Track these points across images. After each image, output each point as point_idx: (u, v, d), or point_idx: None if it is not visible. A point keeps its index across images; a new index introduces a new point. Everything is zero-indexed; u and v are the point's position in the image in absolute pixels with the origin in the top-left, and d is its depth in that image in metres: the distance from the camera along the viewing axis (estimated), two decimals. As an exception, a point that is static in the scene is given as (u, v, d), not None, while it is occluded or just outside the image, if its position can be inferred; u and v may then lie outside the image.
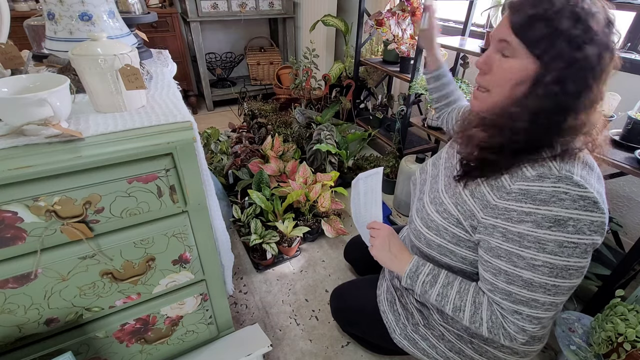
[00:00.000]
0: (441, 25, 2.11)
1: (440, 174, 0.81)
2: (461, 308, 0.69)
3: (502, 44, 0.60)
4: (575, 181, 0.55)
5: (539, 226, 0.57)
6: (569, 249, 0.56)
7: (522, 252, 0.59)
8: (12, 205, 0.55)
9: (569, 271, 0.58)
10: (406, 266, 0.77)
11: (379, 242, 0.83)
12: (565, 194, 0.55)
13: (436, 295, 0.72)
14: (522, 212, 0.58)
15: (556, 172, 0.57)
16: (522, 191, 0.59)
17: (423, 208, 0.78)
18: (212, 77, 3.15)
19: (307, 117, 2.13)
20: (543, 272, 0.58)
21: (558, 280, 0.58)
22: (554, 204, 0.56)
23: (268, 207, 1.53)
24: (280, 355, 1.15)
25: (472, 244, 0.69)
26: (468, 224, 0.67)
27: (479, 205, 0.65)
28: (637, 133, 1.08)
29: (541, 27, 0.54)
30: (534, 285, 0.60)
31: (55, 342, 0.72)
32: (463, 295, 0.69)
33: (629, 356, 0.86)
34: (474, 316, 0.68)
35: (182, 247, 0.75)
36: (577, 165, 0.58)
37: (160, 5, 2.66)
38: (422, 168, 0.92)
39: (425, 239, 0.76)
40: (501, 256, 0.62)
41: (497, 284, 0.64)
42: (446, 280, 0.72)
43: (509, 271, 0.61)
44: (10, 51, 0.69)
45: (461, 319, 0.70)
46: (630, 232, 1.45)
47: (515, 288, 0.61)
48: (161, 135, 0.62)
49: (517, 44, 0.57)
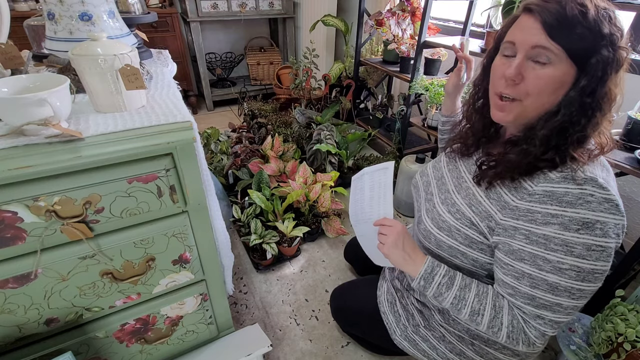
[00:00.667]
0: (441, 25, 2.11)
1: (445, 176, 0.80)
2: (480, 312, 0.66)
3: (537, 50, 0.56)
4: (600, 183, 0.55)
5: (566, 229, 0.56)
6: (596, 252, 0.55)
7: (548, 255, 0.58)
8: (12, 205, 0.55)
9: (594, 275, 0.57)
10: (420, 267, 0.70)
11: (391, 239, 0.74)
12: (591, 196, 0.55)
13: (452, 298, 0.68)
14: (548, 214, 0.57)
15: (581, 174, 0.56)
16: (546, 193, 0.58)
17: (434, 208, 0.76)
18: (212, 77, 3.15)
19: (307, 117, 2.13)
20: (570, 276, 0.57)
21: (584, 284, 0.57)
22: (581, 206, 0.55)
23: (268, 207, 1.53)
24: (280, 355, 1.14)
25: (485, 247, 0.68)
26: (485, 225, 0.66)
27: (497, 206, 0.64)
28: (637, 133, 1.08)
29: (584, 30, 0.52)
30: (559, 289, 0.58)
31: (55, 342, 0.72)
32: (482, 298, 0.66)
33: (629, 356, 0.86)
34: (494, 320, 0.65)
35: (182, 247, 0.75)
36: (597, 167, 0.58)
37: (160, 5, 2.66)
38: (422, 172, 0.92)
39: (436, 239, 0.74)
40: (525, 259, 0.60)
41: (519, 287, 0.61)
42: (463, 283, 0.68)
43: (534, 274, 0.59)
44: (10, 51, 0.69)
45: (479, 323, 0.66)
46: (630, 232, 1.45)
47: (540, 292, 0.59)
48: (161, 135, 0.62)
49: (557, 50, 0.54)
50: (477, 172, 0.70)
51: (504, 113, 0.63)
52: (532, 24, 0.56)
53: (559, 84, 0.56)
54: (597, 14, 0.52)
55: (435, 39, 1.70)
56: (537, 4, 0.56)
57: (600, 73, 0.54)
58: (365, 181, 0.86)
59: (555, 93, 0.57)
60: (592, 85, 0.55)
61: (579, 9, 0.52)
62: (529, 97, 0.59)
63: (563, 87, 0.57)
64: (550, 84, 0.56)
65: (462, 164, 0.78)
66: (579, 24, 0.52)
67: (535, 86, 0.57)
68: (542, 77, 0.56)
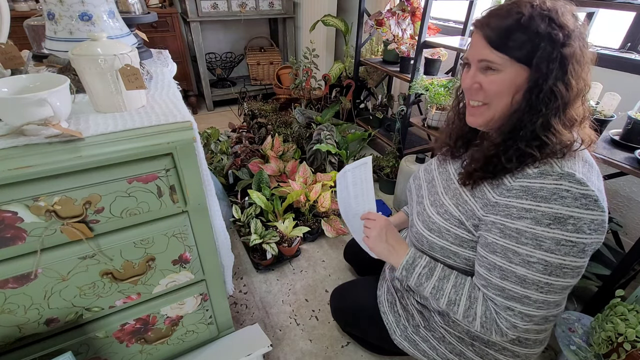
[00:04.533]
0: (441, 25, 2.11)
1: (436, 178, 0.82)
2: (456, 302, 0.70)
3: (484, 62, 0.61)
4: (578, 179, 0.56)
5: (538, 223, 0.57)
6: (566, 247, 0.56)
7: (518, 249, 0.60)
8: (12, 205, 0.55)
9: (563, 270, 0.58)
10: (403, 258, 0.76)
11: (375, 232, 0.81)
12: (567, 191, 0.56)
13: (431, 288, 0.72)
14: (522, 209, 0.59)
15: (558, 169, 0.57)
16: (523, 188, 0.59)
17: (424, 211, 0.78)
18: (212, 77, 3.15)
19: (307, 117, 2.13)
20: (537, 269, 0.59)
21: (552, 278, 0.59)
22: (555, 201, 0.56)
23: (268, 207, 1.53)
24: (280, 355, 1.14)
25: (475, 244, 0.69)
26: (470, 223, 0.68)
27: (480, 203, 0.66)
28: (637, 133, 1.08)
29: (520, 36, 0.57)
30: (527, 282, 0.60)
31: (55, 342, 0.72)
32: (459, 289, 0.70)
33: (629, 356, 0.86)
34: (468, 310, 0.68)
35: (182, 247, 0.75)
36: (578, 163, 0.59)
37: (160, 5, 2.66)
38: (414, 175, 0.94)
39: (428, 241, 0.76)
40: (497, 252, 0.63)
41: (491, 279, 0.64)
42: (442, 274, 0.73)
43: (504, 267, 0.62)
44: (10, 51, 0.69)
45: (455, 312, 0.70)
46: (630, 232, 1.45)
47: (509, 284, 0.62)
48: (161, 135, 0.62)
49: (500, 59, 0.59)
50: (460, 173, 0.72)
51: (474, 117, 0.68)
52: (477, 40, 0.62)
53: (512, 86, 0.60)
54: (530, 17, 0.56)
55: (435, 39, 1.70)
56: (481, 21, 0.61)
57: (545, 69, 0.56)
58: (348, 178, 0.89)
59: (512, 94, 0.61)
60: (541, 82, 0.57)
61: (515, 17, 0.57)
62: (492, 100, 0.63)
63: (519, 87, 0.60)
64: (504, 87, 0.61)
65: (451, 166, 0.80)
66: (515, 30, 0.57)
67: (491, 90, 0.62)
68: (495, 82, 0.61)
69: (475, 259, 0.70)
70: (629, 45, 1.35)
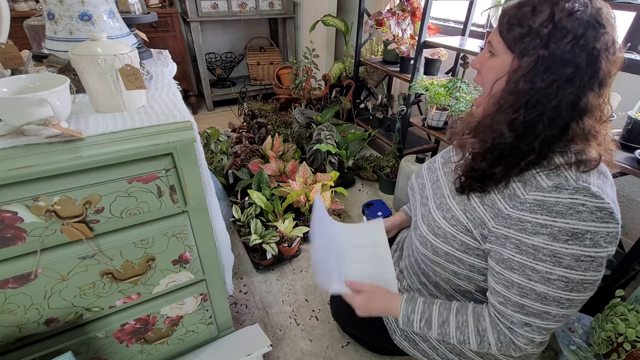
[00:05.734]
0: (441, 25, 2.11)
1: (441, 179, 0.80)
2: (466, 341, 0.68)
3: (488, 45, 0.63)
4: (593, 192, 0.54)
5: (555, 239, 0.55)
6: (585, 262, 0.55)
7: (536, 266, 0.58)
8: (12, 205, 0.55)
9: (584, 285, 0.56)
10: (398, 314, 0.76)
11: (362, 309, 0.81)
12: (582, 205, 0.54)
13: (437, 334, 0.72)
14: (538, 224, 0.57)
15: (573, 182, 0.55)
16: (537, 202, 0.57)
17: (429, 214, 0.76)
18: (212, 77, 3.15)
19: (307, 117, 2.13)
20: (558, 287, 0.57)
21: (573, 294, 0.57)
22: (571, 217, 0.54)
23: (268, 207, 1.53)
24: (280, 355, 1.14)
25: (481, 252, 0.67)
26: (478, 232, 0.65)
27: (490, 213, 0.63)
28: (637, 133, 1.08)
29: (517, 27, 0.57)
30: (547, 299, 0.58)
31: (55, 342, 0.72)
32: (463, 329, 0.69)
33: (629, 356, 0.86)
34: (482, 344, 0.67)
35: (182, 247, 0.75)
36: (593, 175, 0.57)
37: (160, 5, 2.66)
38: (417, 173, 0.91)
39: (432, 246, 0.74)
40: (514, 269, 0.60)
41: (509, 297, 0.62)
42: (440, 320, 0.71)
43: (522, 284, 0.60)
44: (10, 51, 0.69)
45: (469, 348, 0.70)
46: (630, 232, 1.45)
47: (529, 301, 0.60)
48: (161, 135, 0.62)
49: (497, 43, 0.61)
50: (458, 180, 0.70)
51: (475, 106, 0.69)
52: None
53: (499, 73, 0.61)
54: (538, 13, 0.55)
55: (435, 39, 1.70)
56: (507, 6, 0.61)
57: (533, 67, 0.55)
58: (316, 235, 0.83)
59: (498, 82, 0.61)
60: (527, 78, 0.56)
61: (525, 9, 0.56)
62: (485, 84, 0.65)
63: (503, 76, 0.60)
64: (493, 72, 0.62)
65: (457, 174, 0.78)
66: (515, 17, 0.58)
67: (484, 72, 0.65)
68: (489, 64, 0.63)
69: (485, 269, 0.68)
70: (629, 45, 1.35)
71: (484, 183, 0.64)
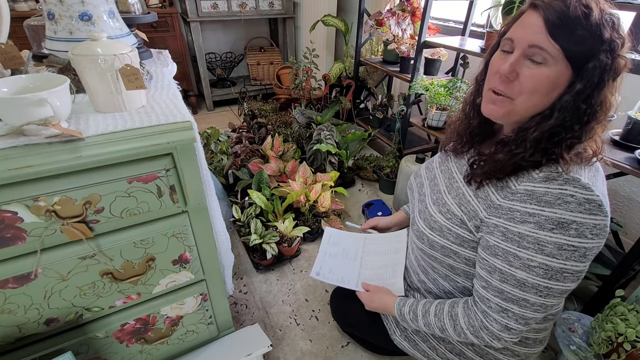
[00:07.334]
0: (441, 25, 2.11)
1: (438, 177, 0.81)
2: (443, 327, 0.72)
3: (534, 49, 0.55)
4: (583, 184, 0.55)
5: (540, 227, 0.57)
6: (567, 251, 0.56)
7: (519, 252, 0.59)
8: (12, 205, 0.55)
9: (563, 274, 0.58)
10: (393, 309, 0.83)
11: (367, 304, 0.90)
12: (571, 196, 0.55)
13: (423, 325, 0.76)
14: (526, 213, 0.58)
15: (564, 174, 0.56)
16: (527, 192, 0.59)
17: (426, 209, 0.78)
18: (212, 77, 3.14)
19: (307, 117, 2.13)
20: (537, 274, 0.58)
21: (551, 282, 0.58)
22: (559, 206, 0.55)
23: (268, 207, 1.53)
24: (280, 355, 1.14)
25: (476, 244, 0.69)
26: (472, 224, 0.67)
27: (483, 205, 0.65)
28: (637, 133, 1.08)
29: (584, 34, 0.51)
30: (526, 285, 0.60)
31: (55, 342, 0.72)
32: (440, 316, 0.73)
33: (629, 356, 0.86)
34: (456, 328, 0.70)
35: (182, 247, 0.75)
36: (585, 168, 0.58)
37: (160, 5, 2.66)
38: (416, 173, 0.93)
39: (429, 240, 0.75)
40: (498, 255, 0.62)
41: (491, 281, 0.64)
42: (423, 310, 0.76)
43: (504, 270, 0.62)
44: (10, 51, 0.69)
45: (449, 336, 0.73)
46: (630, 232, 1.44)
47: (508, 287, 0.62)
48: (161, 135, 0.62)
49: (555, 51, 0.53)
50: (467, 172, 0.70)
51: (496, 106, 0.62)
52: (534, 21, 0.55)
53: (552, 85, 0.56)
54: (600, 18, 0.52)
55: (435, 39, 1.69)
56: (543, 0, 0.55)
57: (596, 79, 0.53)
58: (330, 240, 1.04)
59: (548, 95, 0.57)
60: (588, 91, 0.54)
61: (583, 10, 0.51)
62: (521, 96, 0.58)
63: (556, 89, 0.56)
64: (544, 85, 0.56)
65: (454, 164, 0.79)
66: (580, 25, 0.51)
67: (528, 85, 0.57)
68: (536, 76, 0.56)
69: (475, 260, 0.70)
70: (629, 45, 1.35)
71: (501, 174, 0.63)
